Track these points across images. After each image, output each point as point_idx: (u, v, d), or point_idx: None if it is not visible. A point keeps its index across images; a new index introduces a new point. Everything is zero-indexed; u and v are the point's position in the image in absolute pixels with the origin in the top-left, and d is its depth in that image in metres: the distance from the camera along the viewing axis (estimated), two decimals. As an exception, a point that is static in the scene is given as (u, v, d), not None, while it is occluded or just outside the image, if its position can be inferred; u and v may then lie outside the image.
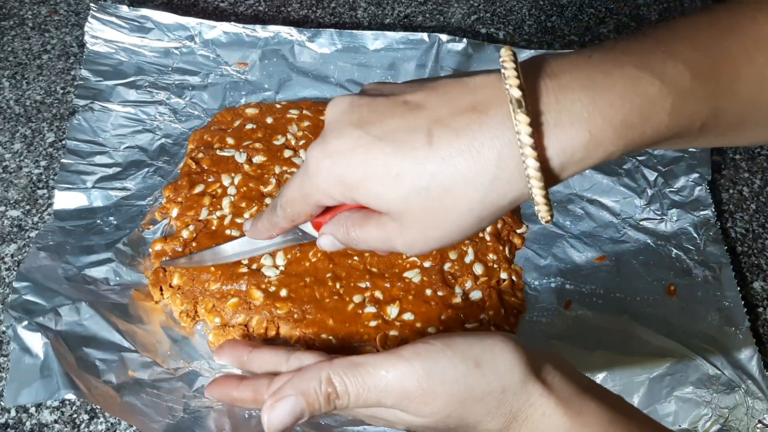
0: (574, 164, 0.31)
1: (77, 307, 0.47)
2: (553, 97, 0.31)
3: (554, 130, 0.30)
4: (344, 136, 0.33)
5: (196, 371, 0.47)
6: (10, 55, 0.68)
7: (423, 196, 0.32)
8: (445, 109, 0.32)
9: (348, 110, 0.34)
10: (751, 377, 0.50)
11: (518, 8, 0.78)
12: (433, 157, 0.31)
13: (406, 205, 0.32)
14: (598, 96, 0.30)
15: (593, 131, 0.30)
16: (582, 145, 0.30)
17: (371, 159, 0.32)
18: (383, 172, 0.32)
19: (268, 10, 0.75)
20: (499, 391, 0.36)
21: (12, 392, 0.43)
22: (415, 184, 0.31)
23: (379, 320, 0.50)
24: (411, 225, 0.33)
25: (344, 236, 0.37)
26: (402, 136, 0.32)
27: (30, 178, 0.59)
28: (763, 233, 0.61)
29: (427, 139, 0.31)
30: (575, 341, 0.52)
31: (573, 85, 0.31)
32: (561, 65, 0.31)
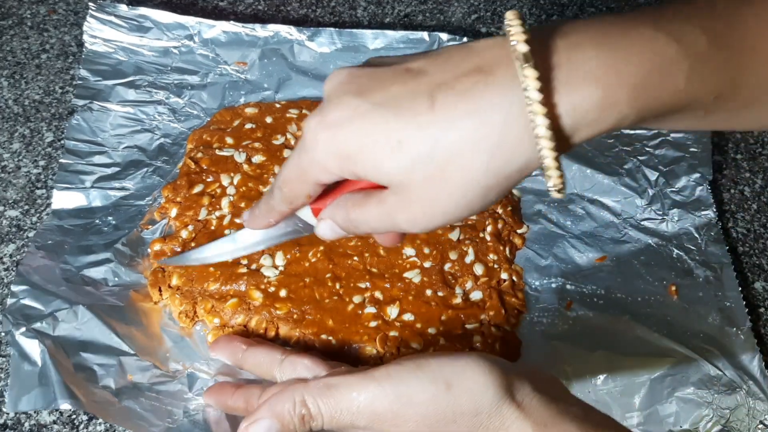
0: (586, 126, 0.29)
1: (75, 311, 0.47)
2: (564, 55, 0.29)
3: (565, 88, 0.28)
4: (342, 105, 0.31)
5: (196, 373, 0.47)
6: (8, 54, 0.68)
7: (426, 163, 0.30)
8: (449, 73, 0.30)
9: (347, 80, 0.32)
10: (752, 378, 0.50)
11: (518, 7, 0.78)
12: (436, 120, 0.29)
13: (407, 175, 0.30)
14: (613, 53, 0.29)
15: (607, 90, 0.28)
16: (595, 105, 0.29)
17: (370, 126, 0.30)
18: (383, 140, 0.30)
19: (267, 9, 0.75)
20: (472, 413, 0.36)
21: (12, 398, 0.43)
22: (417, 151, 0.30)
23: (379, 321, 0.50)
24: (413, 198, 0.31)
25: (344, 219, 0.35)
26: (403, 101, 0.30)
27: (29, 178, 0.58)
28: (764, 233, 0.61)
29: (430, 102, 0.29)
30: (576, 341, 0.51)
31: (586, 43, 0.29)
32: (573, 26, 0.30)
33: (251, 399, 0.42)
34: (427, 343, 0.49)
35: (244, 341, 0.47)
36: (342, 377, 0.38)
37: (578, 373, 0.50)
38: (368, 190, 0.34)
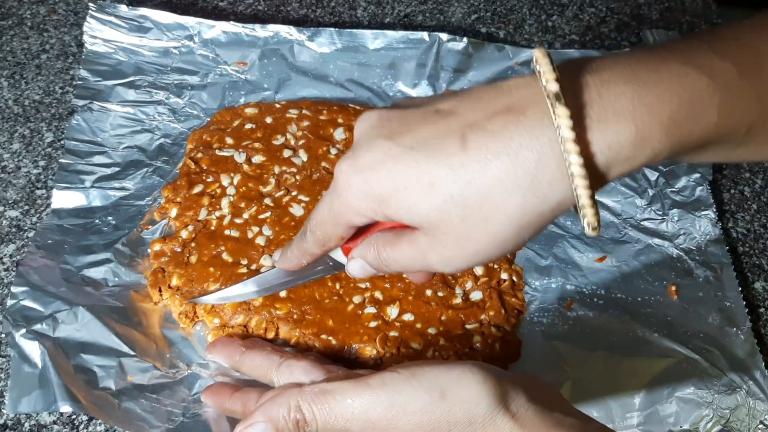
0: (620, 163, 0.29)
1: (75, 312, 0.47)
2: (595, 91, 0.29)
3: (598, 125, 0.28)
4: (374, 148, 0.31)
5: (196, 374, 0.47)
6: (8, 54, 0.68)
7: (459, 205, 0.30)
8: (479, 113, 0.30)
9: (377, 124, 0.32)
10: (752, 378, 0.50)
11: (519, 7, 0.78)
12: (468, 162, 0.29)
13: (440, 216, 0.30)
14: (644, 90, 0.28)
15: (640, 126, 0.28)
16: (629, 142, 0.28)
17: (402, 169, 0.30)
18: (415, 182, 0.30)
19: (267, 10, 0.75)
20: (465, 423, 0.36)
21: (13, 400, 0.43)
22: (449, 193, 0.30)
23: (379, 321, 0.50)
24: (447, 239, 0.31)
25: (375, 258, 0.36)
26: (434, 143, 0.30)
27: (29, 178, 0.58)
28: (764, 233, 0.61)
29: (461, 143, 0.30)
30: (576, 342, 0.51)
31: (616, 79, 0.29)
32: (601, 62, 0.30)
33: (248, 403, 0.42)
34: (427, 343, 0.49)
35: (242, 343, 0.47)
36: (337, 383, 0.38)
37: (578, 373, 0.50)
38: (399, 229, 0.34)
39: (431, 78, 0.67)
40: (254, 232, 0.53)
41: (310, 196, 0.56)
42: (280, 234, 0.53)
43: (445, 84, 0.67)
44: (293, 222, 0.54)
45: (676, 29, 0.74)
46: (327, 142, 0.59)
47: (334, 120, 0.61)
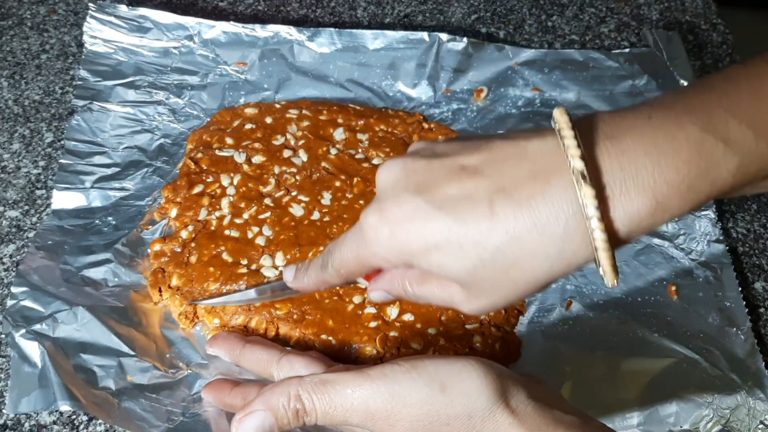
0: (640, 231, 0.31)
1: (75, 312, 0.47)
2: (617, 165, 0.30)
3: (620, 200, 0.30)
4: (402, 203, 0.33)
5: (196, 373, 0.47)
6: (8, 54, 0.68)
7: (488, 268, 0.32)
8: (505, 178, 0.31)
9: (402, 176, 0.33)
10: (752, 378, 0.50)
11: (518, 7, 0.78)
12: (496, 230, 0.31)
13: (471, 276, 0.32)
14: (663, 162, 0.30)
15: (659, 199, 0.30)
16: (648, 213, 0.30)
17: (432, 230, 0.32)
18: (445, 244, 0.32)
19: (267, 10, 0.75)
20: (465, 416, 0.36)
21: (13, 400, 0.43)
22: (480, 258, 0.31)
23: (379, 321, 0.50)
24: (477, 293, 0.33)
25: (402, 291, 0.37)
26: (463, 206, 0.31)
27: (28, 178, 0.58)
28: (764, 233, 0.60)
29: (489, 210, 0.31)
30: (576, 341, 0.51)
31: (636, 149, 0.30)
32: (619, 127, 0.31)
33: (248, 396, 0.42)
34: (427, 343, 0.49)
35: (243, 338, 0.47)
36: (337, 374, 0.38)
37: (578, 373, 0.50)
38: None
39: (431, 78, 0.67)
40: (254, 232, 0.53)
41: (310, 196, 0.56)
42: (280, 234, 0.53)
43: (445, 84, 0.67)
44: (293, 222, 0.54)
45: (676, 29, 0.74)
46: (327, 142, 0.59)
47: (334, 120, 0.61)
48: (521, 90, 0.67)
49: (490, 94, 0.67)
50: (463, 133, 0.63)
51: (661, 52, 0.69)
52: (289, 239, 0.53)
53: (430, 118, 0.65)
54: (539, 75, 0.68)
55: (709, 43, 0.76)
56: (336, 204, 0.55)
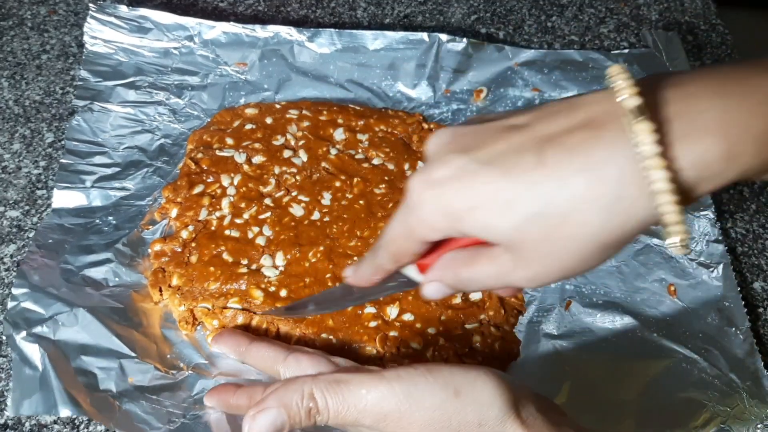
0: (709, 179, 0.28)
1: (75, 313, 0.47)
2: (681, 105, 0.27)
3: (684, 140, 0.27)
4: (447, 164, 0.31)
5: (196, 374, 0.47)
6: (9, 55, 0.68)
7: (539, 223, 0.29)
8: (555, 128, 0.29)
9: (450, 139, 0.32)
10: (751, 378, 0.50)
11: (518, 8, 0.78)
12: (546, 178, 0.28)
13: (520, 234, 0.30)
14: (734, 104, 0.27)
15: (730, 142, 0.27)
16: (718, 157, 0.27)
17: (478, 185, 0.30)
18: (492, 199, 0.29)
19: (267, 10, 0.75)
20: (476, 423, 0.36)
21: (15, 402, 0.43)
22: (529, 210, 0.29)
23: (379, 320, 0.50)
24: (527, 256, 0.30)
25: (453, 279, 0.35)
26: (510, 158, 0.29)
27: (29, 178, 0.58)
28: (763, 233, 0.61)
29: (538, 159, 0.29)
30: (576, 341, 0.51)
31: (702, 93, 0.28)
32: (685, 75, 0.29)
33: (255, 396, 0.42)
34: (427, 342, 0.49)
35: (248, 335, 0.47)
36: (351, 374, 0.38)
37: (578, 373, 0.50)
38: (474, 246, 0.33)
39: (431, 78, 0.67)
40: (254, 232, 0.53)
41: (310, 196, 0.56)
42: (280, 234, 0.53)
43: (445, 84, 0.67)
44: (293, 222, 0.54)
45: (676, 29, 0.75)
46: (327, 143, 0.59)
47: (334, 120, 0.61)
48: (521, 90, 0.67)
49: (489, 95, 0.67)
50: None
51: (661, 53, 0.69)
52: (289, 239, 0.53)
53: (430, 119, 0.65)
54: (539, 75, 0.68)
55: (709, 44, 0.76)
56: (336, 204, 0.56)
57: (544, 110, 0.30)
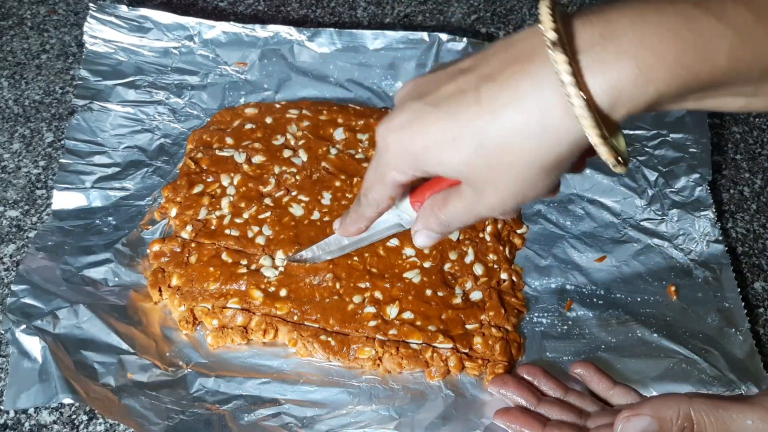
0: (624, 103, 0.29)
1: (75, 309, 0.47)
2: (597, 33, 0.29)
3: (599, 67, 0.29)
4: (405, 109, 0.34)
5: (195, 372, 0.47)
6: (8, 54, 0.68)
7: (482, 155, 0.31)
8: (493, 66, 0.31)
9: (411, 88, 0.35)
10: (751, 378, 0.50)
11: (518, 8, 0.78)
12: (482, 113, 0.31)
13: (469, 168, 0.32)
14: (648, 31, 0.29)
15: (642, 67, 0.29)
16: (630, 82, 0.29)
17: (428, 126, 0.32)
18: (440, 138, 0.32)
19: (267, 10, 0.75)
20: None
21: (11, 396, 0.43)
22: (471, 144, 0.31)
23: (379, 320, 0.50)
24: (482, 187, 0.33)
25: (436, 222, 0.37)
26: (454, 99, 0.32)
27: (29, 178, 0.58)
28: (763, 233, 0.61)
29: (476, 96, 0.31)
30: (576, 342, 0.51)
31: (621, 20, 0.29)
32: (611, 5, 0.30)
33: None
34: (427, 340, 0.49)
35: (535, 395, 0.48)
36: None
37: (578, 373, 0.50)
38: (448, 188, 0.36)
39: (431, 78, 0.67)
40: (254, 231, 0.53)
41: (310, 196, 0.56)
42: (280, 234, 0.53)
43: (445, 84, 0.67)
44: (293, 222, 0.54)
45: (676, 30, 0.74)
46: (327, 142, 0.59)
47: (334, 120, 0.61)
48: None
49: (489, 95, 0.67)
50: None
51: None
52: (289, 239, 0.53)
53: (430, 118, 0.65)
54: (539, 75, 0.68)
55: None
56: (336, 204, 0.55)
57: (487, 51, 0.33)
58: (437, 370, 0.48)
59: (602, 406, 0.46)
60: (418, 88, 0.34)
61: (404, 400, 0.47)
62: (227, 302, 0.50)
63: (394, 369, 0.49)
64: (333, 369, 0.49)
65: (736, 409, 0.37)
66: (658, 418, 0.38)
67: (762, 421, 0.36)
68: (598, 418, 0.44)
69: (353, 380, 0.48)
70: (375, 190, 0.38)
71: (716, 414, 0.37)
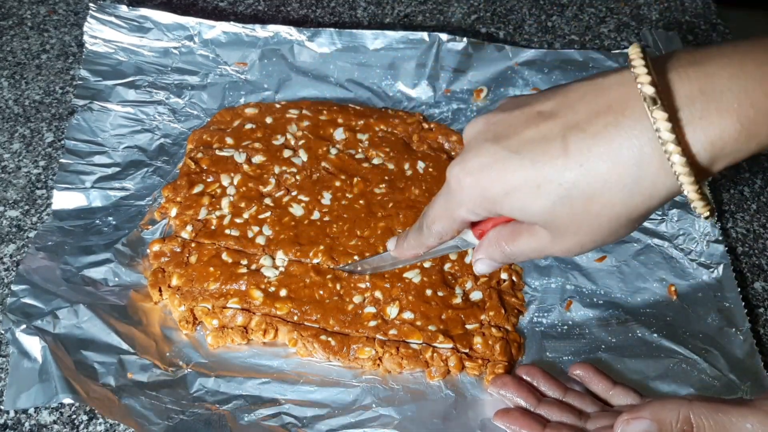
0: (724, 157, 0.29)
1: (75, 309, 0.47)
2: (696, 88, 0.29)
3: (700, 123, 0.29)
4: (482, 152, 0.33)
5: (195, 372, 0.47)
6: (8, 54, 0.68)
7: (567, 205, 0.32)
8: (579, 114, 0.31)
9: (484, 128, 0.34)
10: (751, 378, 0.50)
11: (518, 8, 0.78)
12: (570, 164, 0.31)
13: (551, 215, 0.32)
14: (750, 86, 0.28)
15: (745, 123, 0.28)
16: (733, 138, 0.29)
17: (509, 173, 0.32)
18: (523, 185, 0.32)
19: (267, 10, 0.75)
20: None
21: (11, 396, 0.43)
22: (557, 194, 0.31)
23: (379, 320, 0.50)
24: (561, 232, 0.33)
25: (500, 254, 0.37)
26: (537, 146, 0.32)
27: (29, 178, 0.58)
28: (763, 233, 0.61)
29: (563, 146, 0.31)
30: (576, 342, 0.51)
31: (721, 73, 0.29)
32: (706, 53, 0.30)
33: None
34: (427, 340, 0.49)
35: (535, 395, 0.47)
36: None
37: (578, 373, 0.50)
38: (515, 222, 0.36)
39: (431, 78, 0.67)
40: (254, 231, 0.53)
41: (310, 196, 0.56)
42: (280, 234, 0.53)
43: (445, 84, 0.67)
44: (293, 222, 0.54)
45: (676, 29, 0.75)
46: (327, 142, 0.59)
47: (334, 120, 0.61)
48: (521, 90, 0.67)
49: (489, 94, 0.67)
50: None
51: (661, 52, 0.69)
52: (289, 239, 0.53)
53: (430, 118, 0.65)
54: (539, 75, 0.68)
55: (709, 43, 0.76)
56: (336, 204, 0.56)
57: (570, 95, 0.32)
58: (437, 370, 0.48)
59: (602, 407, 0.46)
60: (493, 129, 0.34)
61: (404, 400, 0.47)
62: (227, 302, 0.50)
63: (394, 369, 0.49)
64: (333, 369, 0.49)
65: (735, 413, 0.37)
66: (657, 421, 0.39)
67: (761, 424, 0.37)
68: (598, 420, 0.44)
69: (353, 380, 0.48)
70: (441, 223, 0.38)
71: (716, 417, 0.37)
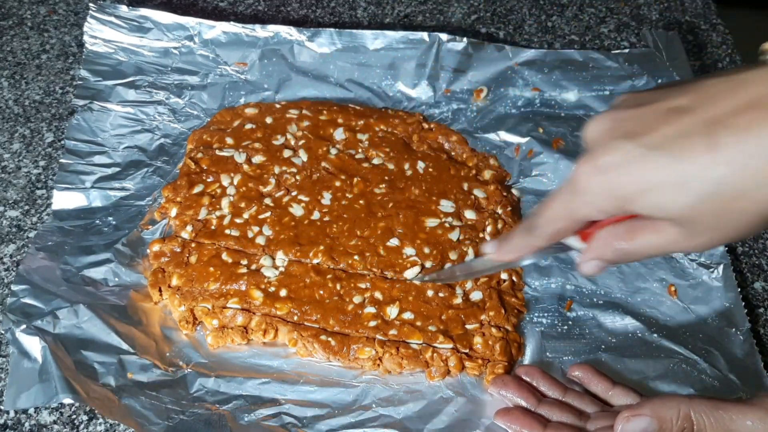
0: None
1: (75, 309, 0.47)
2: None
3: None
4: (614, 150, 0.32)
5: (196, 372, 0.47)
6: (8, 54, 0.68)
7: (711, 202, 0.31)
8: (720, 110, 0.30)
9: (611, 125, 0.33)
10: (751, 378, 0.50)
11: (518, 8, 0.78)
12: (719, 161, 0.30)
13: (692, 212, 0.31)
14: None
15: None
16: None
17: (648, 170, 0.31)
18: (663, 183, 0.31)
19: (267, 10, 0.75)
20: None
21: (11, 396, 0.43)
22: (702, 191, 0.30)
23: (379, 320, 0.50)
24: (697, 229, 0.32)
25: (612, 253, 0.36)
26: (679, 143, 0.31)
27: (29, 178, 0.58)
28: (763, 233, 0.60)
29: (708, 142, 0.30)
30: (576, 342, 0.51)
31: None
32: None
33: None
34: (427, 340, 0.49)
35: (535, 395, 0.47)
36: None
37: (578, 373, 0.50)
38: (630, 219, 0.35)
39: (431, 78, 0.67)
40: (254, 231, 0.53)
41: (310, 196, 0.56)
42: (280, 234, 0.53)
43: (445, 84, 0.67)
44: (293, 222, 0.54)
45: (676, 29, 0.75)
46: (327, 142, 0.59)
47: (334, 120, 0.61)
48: (521, 90, 0.67)
49: (489, 94, 0.67)
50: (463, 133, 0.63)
51: (661, 52, 0.69)
52: (289, 239, 0.53)
53: (430, 118, 0.65)
54: (539, 75, 0.68)
55: (709, 43, 0.76)
56: (336, 204, 0.56)
57: (704, 90, 0.32)
58: (437, 370, 0.48)
59: (602, 407, 0.46)
60: (624, 126, 0.33)
61: (404, 400, 0.47)
62: (227, 302, 0.50)
63: (394, 369, 0.49)
64: (333, 369, 0.49)
65: (736, 410, 0.37)
66: (658, 419, 0.39)
67: (762, 421, 0.37)
68: (598, 420, 0.44)
69: (353, 380, 0.48)
70: (560, 224, 0.37)
71: (716, 415, 0.38)
